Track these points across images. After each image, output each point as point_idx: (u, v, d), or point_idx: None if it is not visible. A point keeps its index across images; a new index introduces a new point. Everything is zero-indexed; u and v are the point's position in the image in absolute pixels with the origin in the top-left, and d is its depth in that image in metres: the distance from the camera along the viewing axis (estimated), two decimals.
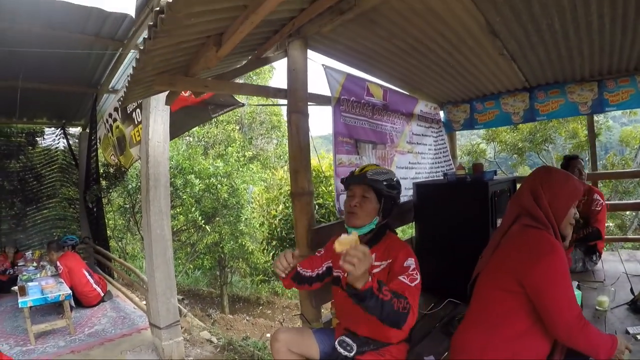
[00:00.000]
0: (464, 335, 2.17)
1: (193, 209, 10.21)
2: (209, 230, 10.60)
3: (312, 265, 2.65)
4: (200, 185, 10.21)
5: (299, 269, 2.56)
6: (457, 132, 6.72)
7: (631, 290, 3.45)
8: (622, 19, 3.38)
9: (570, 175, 2.13)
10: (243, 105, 6.29)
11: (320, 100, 4.28)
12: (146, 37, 2.23)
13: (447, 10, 3.27)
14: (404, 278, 2.11)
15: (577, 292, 3.44)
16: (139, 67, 2.68)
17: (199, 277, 13.09)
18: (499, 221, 3.74)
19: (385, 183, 2.45)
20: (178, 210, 10.76)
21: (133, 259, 12.31)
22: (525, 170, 16.36)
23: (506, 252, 2.11)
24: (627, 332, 2.84)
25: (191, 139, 13.65)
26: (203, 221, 10.32)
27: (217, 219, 11.03)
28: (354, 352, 2.30)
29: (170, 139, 5.80)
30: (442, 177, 4.77)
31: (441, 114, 6.50)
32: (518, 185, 4.10)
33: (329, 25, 3.23)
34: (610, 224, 12.73)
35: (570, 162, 4.51)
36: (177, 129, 6.00)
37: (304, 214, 3.34)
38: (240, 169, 11.53)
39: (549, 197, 2.07)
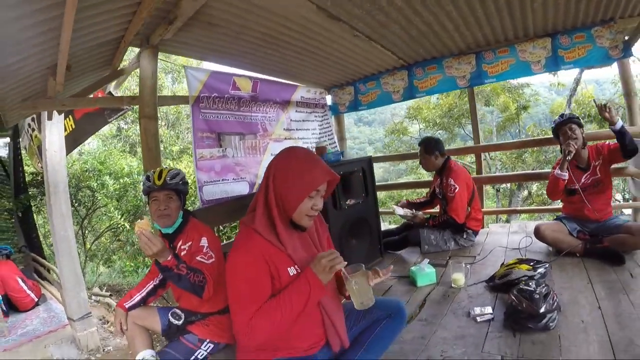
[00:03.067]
0: None
1: (112, 208, 10.15)
2: (129, 228, 10.44)
3: (143, 284, 2.89)
4: (115, 185, 10.14)
5: (127, 304, 2.74)
6: (360, 123, 6.76)
7: (502, 265, 3.47)
8: None
9: (304, 163, 1.88)
10: (129, 109, 6.71)
11: (177, 100, 4.98)
12: None
13: (274, 4, 3.40)
14: (201, 257, 2.54)
15: (431, 270, 3.52)
16: None
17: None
18: (349, 202, 3.93)
19: (181, 183, 2.78)
20: (105, 211, 10.78)
21: None
22: (458, 144, 16.74)
23: None
24: (469, 315, 2.83)
25: (117, 140, 13.51)
26: (124, 219, 10.25)
27: (144, 216, 10.87)
28: (182, 321, 2.71)
29: (76, 147, 6.70)
30: None
31: (329, 98, 6.62)
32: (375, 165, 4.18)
33: (167, 34, 3.46)
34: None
35: (419, 147, 4.71)
36: (80, 135, 6.43)
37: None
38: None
39: (277, 185, 1.85)
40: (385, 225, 6.65)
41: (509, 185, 14.46)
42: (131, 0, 2.86)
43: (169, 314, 2.77)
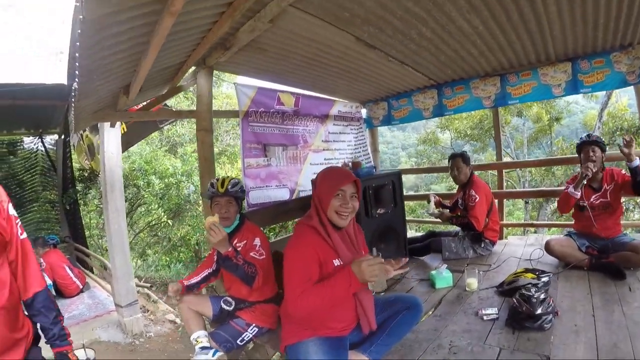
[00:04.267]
0: None
1: (156, 206, 10.51)
2: (170, 225, 10.96)
3: (199, 271, 3.40)
4: (160, 184, 10.53)
5: (186, 283, 3.26)
6: (393, 127, 7.06)
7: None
8: (496, 17, 3.71)
9: (330, 172, 2.50)
10: (175, 120, 7.42)
11: (229, 115, 4.97)
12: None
13: (318, 35, 3.80)
14: (254, 253, 3.03)
15: (449, 274, 3.94)
16: (76, 114, 3.73)
17: (180, 269, 13.45)
18: (379, 211, 4.41)
19: (240, 191, 3.28)
20: (147, 208, 11.20)
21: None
22: (490, 154, 16.86)
23: None
24: (477, 314, 3.22)
25: (157, 141, 13.90)
26: (166, 217, 10.63)
27: (185, 213, 11.38)
28: (232, 307, 3.21)
29: (128, 148, 7.50)
30: None
31: (364, 111, 6.96)
32: (404, 179, 4.55)
33: (223, 57, 3.82)
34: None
35: (449, 160, 5.05)
36: (133, 138, 7.22)
37: (208, 211, 3.81)
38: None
39: (316, 192, 2.44)
40: (411, 233, 7.00)
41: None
42: (199, 29, 3.21)
43: (221, 301, 3.26)
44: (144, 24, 2.59)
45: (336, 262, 2.36)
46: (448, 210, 5.23)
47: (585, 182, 4.06)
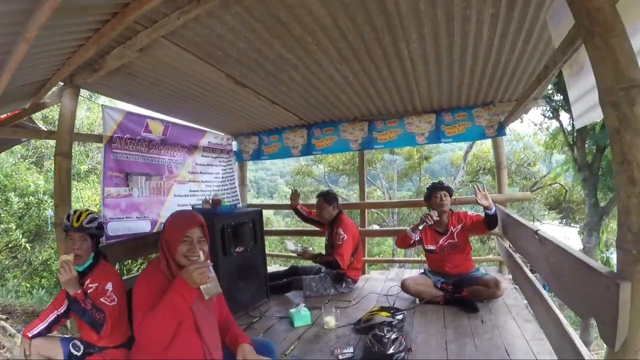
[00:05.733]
0: None
1: (14, 226, 9.75)
2: (29, 248, 10.10)
3: (46, 314, 3.07)
4: (20, 203, 9.77)
5: (30, 334, 2.96)
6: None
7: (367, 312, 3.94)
8: (366, 70, 3.91)
9: (176, 218, 2.46)
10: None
11: (92, 139, 4.63)
12: None
13: (190, 68, 3.76)
14: (104, 299, 2.80)
15: (307, 313, 3.97)
16: None
17: (42, 296, 12.44)
18: (238, 249, 4.34)
19: (95, 227, 3.03)
20: (4, 227, 10.16)
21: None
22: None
23: None
24: (333, 353, 3.28)
25: (25, 150, 12.81)
26: (25, 239, 9.83)
27: (47, 236, 10.56)
28: (81, 352, 2.92)
29: None
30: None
31: (235, 144, 6.95)
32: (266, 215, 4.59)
33: (91, 79, 3.71)
34: None
35: (319, 198, 5.17)
36: None
37: (62, 243, 3.64)
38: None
39: (164, 237, 2.38)
40: (276, 267, 7.03)
41: None
42: (65, 50, 3.06)
43: (70, 345, 3.00)
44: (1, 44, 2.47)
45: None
46: (308, 222, 5.47)
47: (421, 228, 4.37)
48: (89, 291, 2.86)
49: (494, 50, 3.46)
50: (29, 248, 10.12)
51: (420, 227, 4.35)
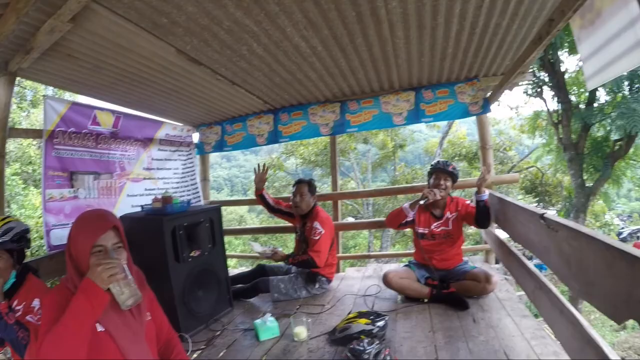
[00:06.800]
0: None
1: None
2: None
3: None
4: None
5: None
6: (247, 150, 6.61)
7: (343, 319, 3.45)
8: (337, 38, 3.49)
9: (82, 223, 1.89)
10: None
11: (30, 134, 4.50)
12: None
13: (134, 44, 3.33)
14: (31, 317, 2.45)
15: (274, 324, 3.45)
16: None
17: None
18: (193, 253, 3.76)
19: (10, 240, 2.54)
20: None
21: None
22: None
23: None
24: None
25: None
26: None
27: None
28: None
29: None
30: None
31: (196, 135, 6.39)
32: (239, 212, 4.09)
33: (25, 63, 3.35)
34: None
35: (294, 185, 4.69)
36: None
37: None
38: (22, 193, 10.67)
39: (69, 249, 1.85)
40: (238, 269, 6.54)
41: None
42: None
43: None
44: None
45: (99, 328, 1.77)
46: (276, 214, 5.01)
47: (422, 203, 3.95)
48: (17, 314, 2.48)
49: (483, 10, 3.08)
50: None
51: (422, 202, 3.93)
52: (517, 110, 14.41)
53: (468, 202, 4.15)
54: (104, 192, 4.57)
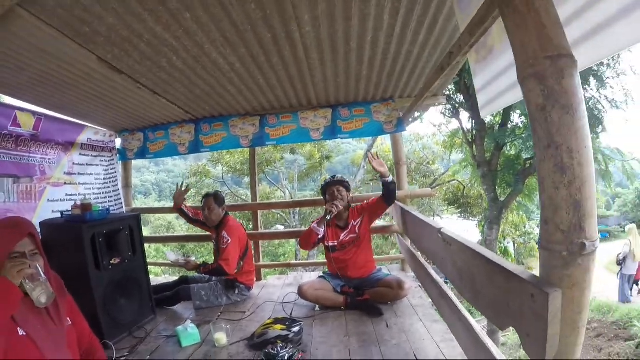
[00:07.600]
0: None
1: None
2: None
3: None
4: None
5: None
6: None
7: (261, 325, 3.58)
8: (254, 57, 3.57)
9: (3, 222, 1.96)
10: None
11: None
12: None
13: (56, 49, 3.25)
14: None
15: (195, 331, 3.52)
16: None
17: None
18: (113, 261, 3.75)
19: None
20: None
21: None
22: (264, 188, 18.17)
23: None
24: None
25: None
26: None
27: None
28: None
29: None
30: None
31: (118, 141, 6.22)
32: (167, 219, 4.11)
33: None
34: None
35: (202, 199, 4.77)
36: None
37: None
38: None
39: None
40: (164, 277, 6.51)
41: None
42: None
43: None
44: None
45: (20, 332, 1.78)
46: (194, 223, 5.06)
47: (329, 218, 4.13)
48: None
49: (394, 39, 3.28)
50: None
51: (328, 217, 4.11)
52: (440, 127, 14.94)
53: (365, 202, 4.42)
54: (23, 196, 4.42)
